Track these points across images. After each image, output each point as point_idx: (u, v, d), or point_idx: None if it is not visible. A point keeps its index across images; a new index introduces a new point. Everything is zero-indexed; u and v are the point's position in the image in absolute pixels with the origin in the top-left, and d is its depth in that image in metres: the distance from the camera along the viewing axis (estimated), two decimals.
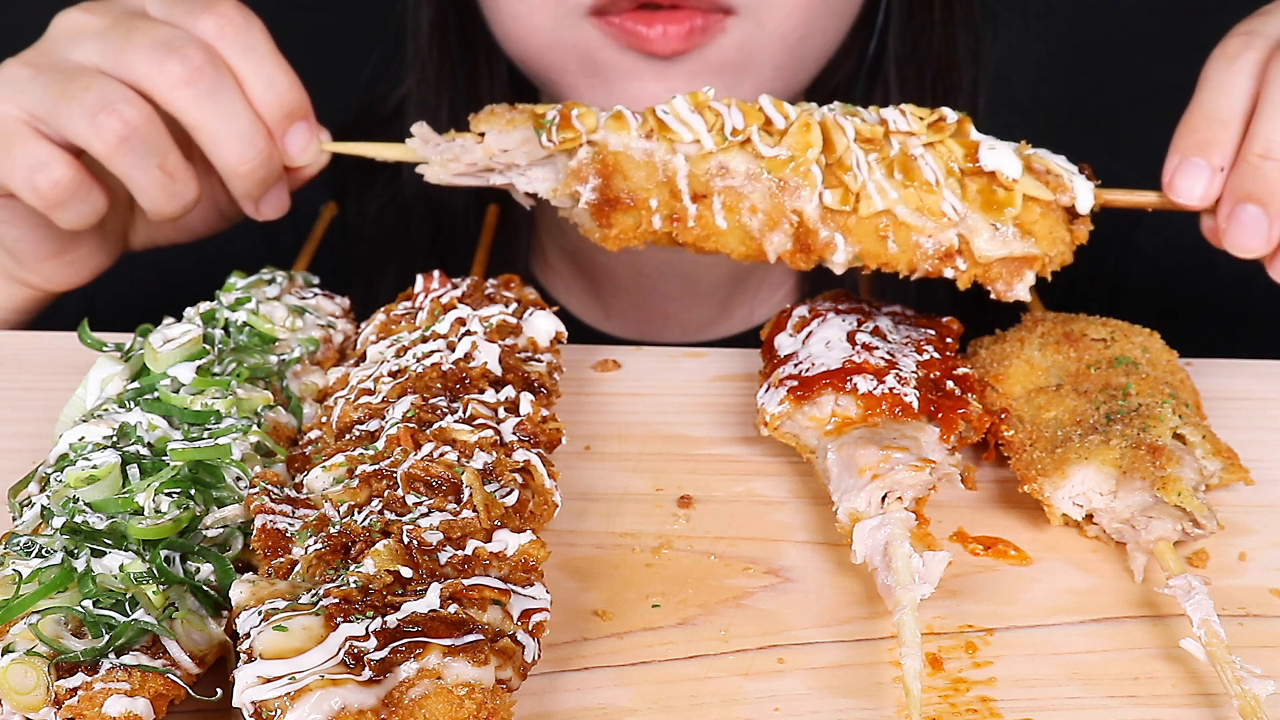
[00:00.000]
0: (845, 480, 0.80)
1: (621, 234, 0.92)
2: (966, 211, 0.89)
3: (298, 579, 0.67)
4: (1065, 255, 0.90)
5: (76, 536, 0.69)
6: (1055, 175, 0.90)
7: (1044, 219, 0.89)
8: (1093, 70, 1.71)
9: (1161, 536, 0.78)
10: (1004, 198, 0.89)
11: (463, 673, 0.59)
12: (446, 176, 0.96)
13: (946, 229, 0.89)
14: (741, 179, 0.89)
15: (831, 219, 0.89)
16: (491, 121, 0.95)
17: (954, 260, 0.89)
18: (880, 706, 0.69)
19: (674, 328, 1.45)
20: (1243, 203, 0.88)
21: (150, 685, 0.63)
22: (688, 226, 0.90)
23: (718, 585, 0.78)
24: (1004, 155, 0.89)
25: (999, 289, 0.90)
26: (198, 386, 0.81)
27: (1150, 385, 0.85)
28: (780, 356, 0.89)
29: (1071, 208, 0.90)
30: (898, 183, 0.88)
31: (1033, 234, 0.89)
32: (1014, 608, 0.76)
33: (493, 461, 0.73)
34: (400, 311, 0.91)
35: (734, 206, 0.90)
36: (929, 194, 0.88)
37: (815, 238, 0.89)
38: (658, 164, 0.90)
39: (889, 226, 0.89)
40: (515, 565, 0.67)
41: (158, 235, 1.14)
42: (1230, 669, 0.67)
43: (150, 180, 0.98)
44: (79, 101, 0.95)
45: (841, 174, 0.89)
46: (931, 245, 0.89)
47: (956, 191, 0.88)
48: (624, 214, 0.91)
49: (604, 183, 0.90)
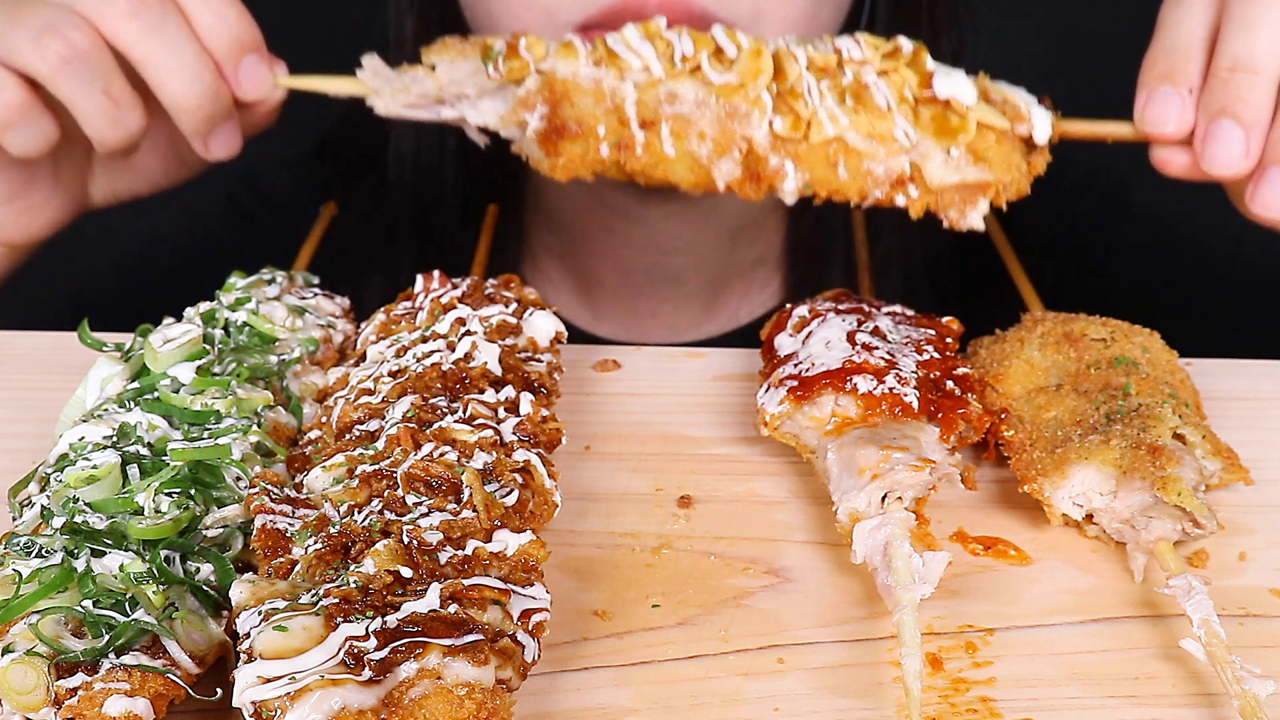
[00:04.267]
0: (845, 480, 0.80)
1: (569, 163, 0.90)
2: (919, 138, 0.87)
3: (298, 579, 0.67)
4: (1021, 184, 0.89)
5: (76, 536, 0.69)
6: (1012, 105, 0.88)
7: (999, 146, 0.87)
8: (1083, 70, 1.70)
9: (1161, 536, 0.78)
10: (958, 124, 0.87)
11: (463, 673, 0.59)
12: (396, 108, 0.95)
13: (898, 155, 0.87)
14: (691, 106, 0.88)
15: (781, 146, 0.88)
16: (443, 53, 0.94)
17: (905, 187, 0.88)
18: (880, 706, 0.69)
19: (661, 328, 1.46)
20: (1216, 119, 0.87)
21: (150, 685, 0.63)
22: (635, 154, 0.89)
23: (718, 585, 0.78)
24: (959, 82, 0.88)
25: (952, 217, 0.89)
26: (198, 386, 0.81)
27: (1150, 385, 0.85)
28: (780, 356, 0.89)
29: (1029, 138, 0.89)
30: (849, 109, 0.87)
31: (986, 160, 0.87)
32: (1014, 608, 0.76)
33: (493, 461, 0.73)
34: (400, 311, 0.91)
35: (682, 134, 0.88)
36: (881, 120, 0.87)
37: (765, 165, 0.88)
38: (606, 91, 0.89)
39: (839, 153, 0.88)
40: (515, 565, 0.67)
41: (119, 186, 1.12)
42: (1230, 669, 0.67)
43: (95, 106, 0.96)
44: (25, 25, 0.94)
45: (792, 101, 0.87)
46: (882, 171, 0.88)
47: (909, 118, 0.87)
48: (571, 142, 0.90)
49: (551, 110, 0.89)
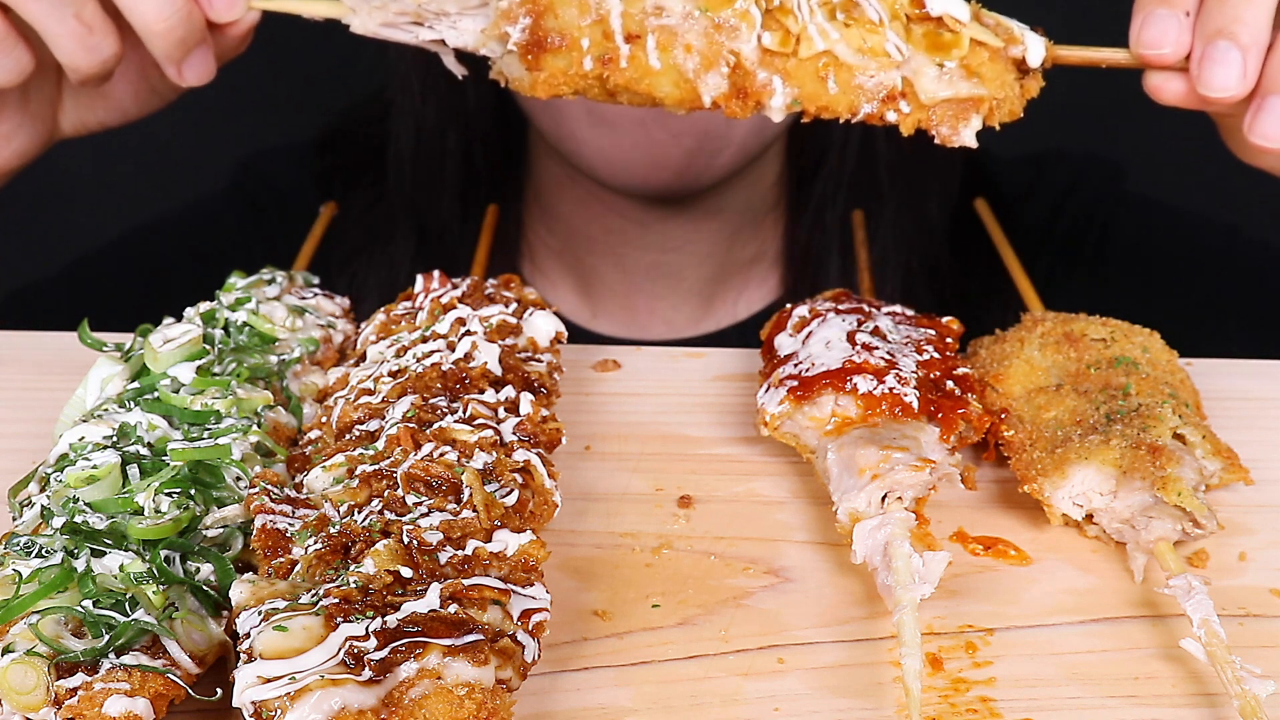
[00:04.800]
0: (845, 480, 0.80)
1: (551, 78, 0.89)
2: (911, 52, 0.86)
3: (298, 579, 0.67)
4: (1014, 105, 0.88)
5: (76, 536, 0.69)
6: (1005, 28, 0.88)
7: (992, 63, 0.87)
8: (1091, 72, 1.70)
9: (1161, 536, 0.78)
10: (950, 39, 0.87)
11: (463, 673, 0.59)
12: (373, 26, 0.93)
13: (889, 69, 0.86)
14: (677, 19, 0.87)
15: (770, 61, 0.87)
16: None
17: (896, 103, 0.87)
18: (880, 706, 0.69)
19: (660, 325, 1.46)
20: (1213, 40, 0.86)
21: (150, 685, 0.63)
22: (620, 68, 0.88)
23: (718, 585, 0.78)
24: (953, 1, 0.87)
25: (943, 133, 0.88)
26: (198, 386, 0.81)
27: (1150, 385, 0.85)
28: (780, 356, 0.89)
29: (1022, 61, 0.88)
30: (839, 24, 0.86)
31: (979, 75, 0.87)
32: (1014, 608, 0.76)
33: (493, 461, 0.73)
34: (400, 311, 0.91)
35: (668, 46, 0.87)
36: (872, 34, 0.86)
37: (752, 80, 0.87)
38: (590, 3, 0.87)
39: (829, 67, 0.87)
40: (515, 565, 0.67)
41: (88, 116, 1.09)
42: (1230, 669, 0.67)
43: (66, 31, 0.93)
44: None
45: (782, 17, 0.86)
46: (873, 85, 0.87)
47: (901, 34, 0.86)
48: (554, 56, 0.88)
49: (534, 22, 0.88)
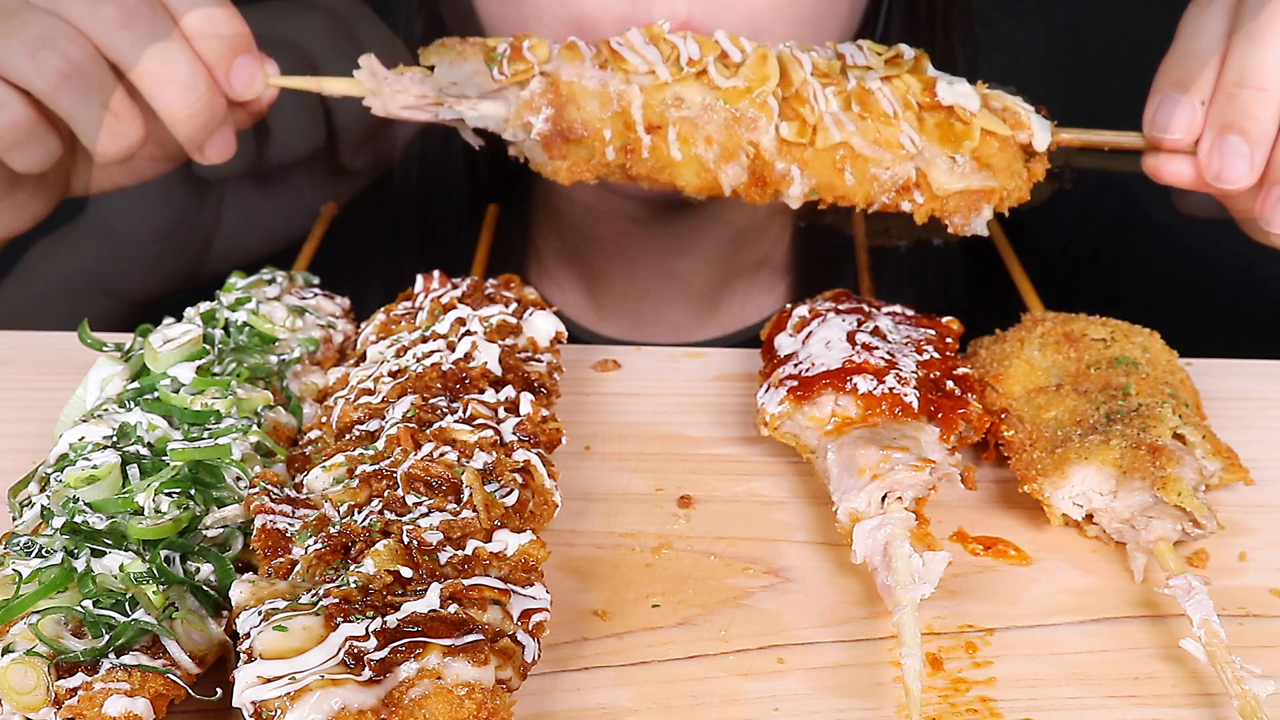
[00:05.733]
0: (845, 480, 0.80)
1: (574, 166, 0.90)
2: (924, 144, 0.88)
3: (298, 579, 0.67)
4: (1022, 191, 0.90)
5: (76, 536, 0.69)
6: (1013, 112, 0.89)
7: (1002, 153, 0.88)
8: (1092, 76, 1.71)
9: (1161, 536, 0.78)
10: (962, 131, 0.88)
11: (463, 673, 0.59)
12: (394, 109, 0.94)
13: (904, 161, 0.88)
14: (697, 110, 0.88)
15: (788, 151, 0.88)
16: (441, 54, 0.93)
17: (911, 193, 0.89)
18: (880, 706, 0.69)
19: (665, 328, 1.46)
20: (1224, 133, 0.89)
21: (150, 685, 0.63)
22: (642, 158, 0.89)
23: (718, 585, 0.78)
24: (962, 90, 0.89)
25: (956, 223, 0.90)
26: (198, 386, 0.81)
27: (1150, 385, 0.85)
28: (780, 356, 0.89)
29: (1029, 145, 0.90)
30: (855, 115, 0.87)
31: (990, 167, 0.88)
32: (1014, 608, 0.76)
33: (493, 461, 0.73)
34: (400, 311, 0.91)
35: (689, 138, 0.88)
36: (886, 126, 0.87)
37: (771, 170, 0.88)
38: (612, 94, 0.88)
39: (846, 159, 0.88)
40: (515, 565, 0.67)
41: (103, 180, 1.10)
42: (1230, 669, 0.67)
43: (94, 120, 0.94)
44: (18, 38, 0.91)
45: (798, 106, 0.88)
46: (888, 177, 0.88)
47: (914, 125, 0.88)
48: (577, 145, 0.89)
49: (557, 113, 0.89)
